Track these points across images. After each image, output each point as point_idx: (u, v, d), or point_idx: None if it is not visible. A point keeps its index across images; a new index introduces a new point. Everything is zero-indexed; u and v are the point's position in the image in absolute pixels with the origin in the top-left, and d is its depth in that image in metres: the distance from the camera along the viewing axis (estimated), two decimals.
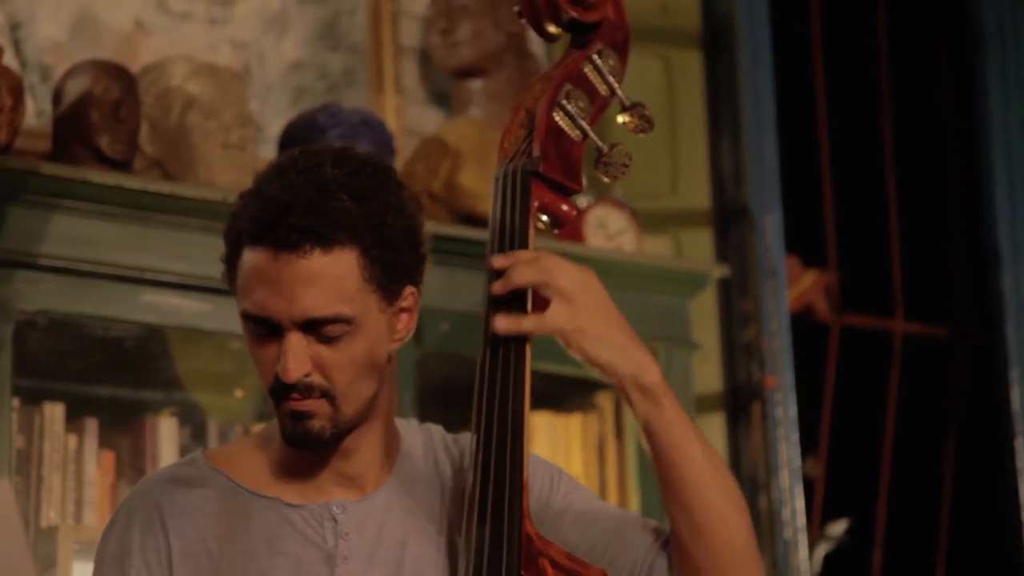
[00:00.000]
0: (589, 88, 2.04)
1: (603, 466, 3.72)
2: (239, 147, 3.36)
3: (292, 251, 1.88)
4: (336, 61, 3.85)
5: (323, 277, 1.89)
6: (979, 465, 4.68)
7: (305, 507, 1.98)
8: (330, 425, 1.93)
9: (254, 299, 1.90)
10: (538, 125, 2.00)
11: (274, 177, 1.93)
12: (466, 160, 3.63)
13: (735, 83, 4.16)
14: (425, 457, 2.06)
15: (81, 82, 3.23)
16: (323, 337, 1.90)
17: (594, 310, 1.90)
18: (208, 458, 2.04)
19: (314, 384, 1.91)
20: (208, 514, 1.98)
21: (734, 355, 4.07)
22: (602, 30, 2.07)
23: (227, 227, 1.96)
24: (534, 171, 1.98)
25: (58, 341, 3.23)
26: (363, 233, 1.91)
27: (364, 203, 1.91)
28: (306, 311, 1.88)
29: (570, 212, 2.02)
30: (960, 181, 4.85)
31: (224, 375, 3.42)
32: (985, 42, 4.61)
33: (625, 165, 2.01)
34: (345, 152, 1.97)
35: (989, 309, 4.57)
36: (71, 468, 3.14)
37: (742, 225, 4.10)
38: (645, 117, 2.03)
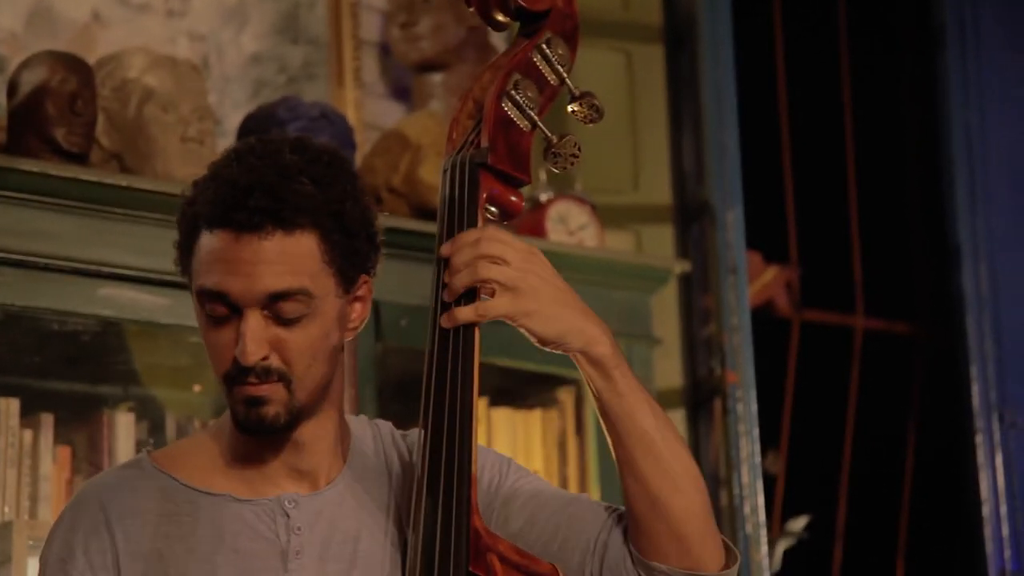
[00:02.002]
0: (538, 77, 2.02)
1: (564, 462, 3.71)
2: (197, 140, 3.33)
3: (254, 232, 1.89)
4: (296, 54, 3.83)
5: (284, 256, 1.90)
6: (939, 461, 4.69)
7: (256, 502, 1.98)
8: (284, 411, 1.93)
9: (212, 278, 1.90)
10: (486, 115, 1.98)
11: (232, 162, 1.93)
12: (426, 154, 3.62)
13: (696, 78, 4.15)
14: (375, 452, 2.05)
15: (37, 73, 3.20)
16: (282, 318, 1.90)
17: (538, 290, 1.90)
18: (154, 459, 2.03)
19: (271, 367, 1.91)
20: (156, 515, 1.97)
21: (695, 350, 4.07)
22: (551, 18, 2.05)
23: (181, 213, 1.96)
24: (482, 162, 1.97)
25: (14, 335, 3.20)
26: (323, 218, 1.91)
27: (324, 189, 1.92)
28: (268, 286, 1.89)
29: (519, 203, 2.01)
30: (920, 177, 4.87)
31: (182, 369, 3.40)
32: (945, 38, 4.62)
33: (574, 156, 2.00)
34: (302, 140, 1.97)
35: (949, 305, 4.58)
36: (26, 463, 3.11)
37: (703, 221, 4.09)
38: (594, 107, 2.02)
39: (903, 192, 4.92)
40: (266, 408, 1.92)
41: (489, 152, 1.96)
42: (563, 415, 3.73)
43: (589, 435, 3.69)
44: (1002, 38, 4.62)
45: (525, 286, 1.90)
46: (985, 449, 4.44)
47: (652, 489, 1.92)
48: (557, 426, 3.73)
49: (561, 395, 3.74)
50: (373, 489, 2.01)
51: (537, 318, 1.90)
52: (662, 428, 1.94)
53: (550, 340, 1.91)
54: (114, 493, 1.99)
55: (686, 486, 1.93)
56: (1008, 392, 4.45)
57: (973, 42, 4.61)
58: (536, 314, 1.90)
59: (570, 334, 1.91)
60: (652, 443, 1.92)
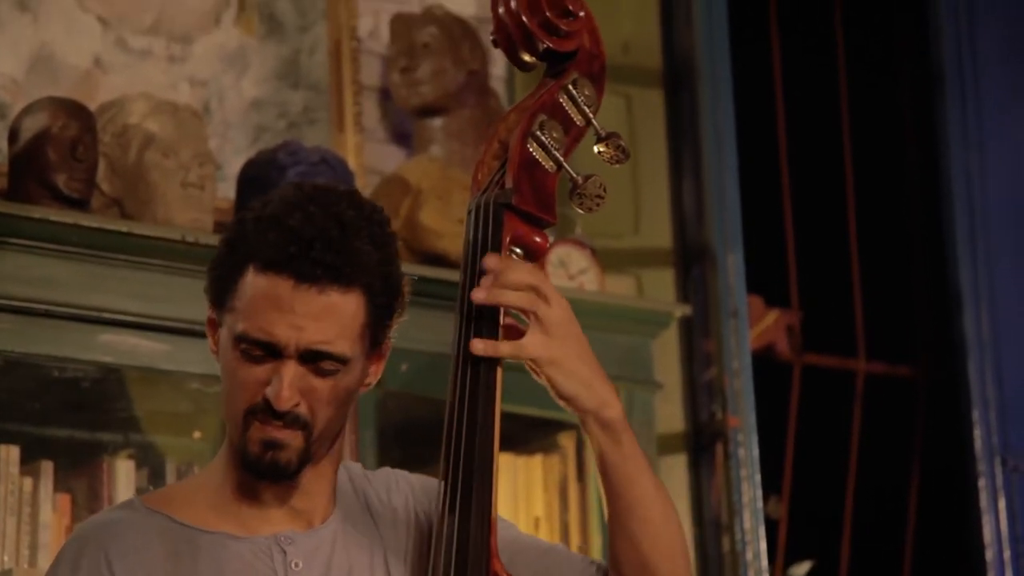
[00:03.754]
0: (564, 118, 2.02)
1: (565, 508, 3.70)
2: (198, 186, 3.33)
3: (312, 284, 1.90)
4: (296, 99, 3.83)
5: (335, 314, 1.91)
6: (942, 505, 4.67)
7: (253, 540, 1.98)
8: (296, 459, 1.94)
9: (259, 323, 1.91)
10: (511, 156, 1.99)
11: (291, 208, 1.93)
12: (427, 199, 3.62)
13: (697, 122, 4.16)
14: (354, 492, 2.07)
15: (38, 119, 3.20)
16: (319, 370, 1.92)
17: (568, 342, 1.93)
18: (146, 501, 2.04)
19: (300, 415, 1.92)
20: (154, 554, 1.97)
21: (696, 395, 4.06)
22: (578, 59, 2.05)
23: (228, 245, 1.96)
24: (507, 203, 1.97)
25: (13, 382, 3.19)
26: (374, 279, 1.93)
27: (378, 249, 1.94)
28: (313, 342, 1.90)
29: (544, 244, 2.01)
30: (921, 221, 4.86)
31: (182, 416, 3.39)
32: (944, 81, 4.63)
33: (600, 196, 1.99)
34: (354, 195, 1.99)
35: (951, 349, 4.57)
36: (26, 511, 3.09)
37: (704, 264, 4.09)
38: (620, 147, 2.02)
39: (904, 236, 4.92)
40: (282, 453, 1.93)
41: (514, 193, 1.97)
42: (564, 461, 3.72)
43: (591, 481, 3.68)
44: (1002, 82, 4.62)
45: (560, 333, 1.92)
46: (988, 494, 4.42)
47: (643, 553, 1.96)
48: (558, 472, 3.72)
49: (563, 440, 3.73)
50: (361, 528, 2.03)
51: (562, 370, 1.92)
52: (659, 495, 1.97)
53: (568, 395, 1.93)
54: (113, 531, 1.99)
55: (676, 554, 1.97)
56: (1010, 437, 4.44)
57: (973, 86, 4.61)
58: (562, 365, 1.92)
59: (588, 393, 1.93)
60: (649, 508, 1.96)
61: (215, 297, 1.98)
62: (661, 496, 1.97)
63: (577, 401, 1.93)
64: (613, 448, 1.94)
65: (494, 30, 2.04)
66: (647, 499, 1.95)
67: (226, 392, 1.97)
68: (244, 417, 1.94)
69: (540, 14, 2.01)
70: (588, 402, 1.93)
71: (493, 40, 2.04)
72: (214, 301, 1.98)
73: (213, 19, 3.75)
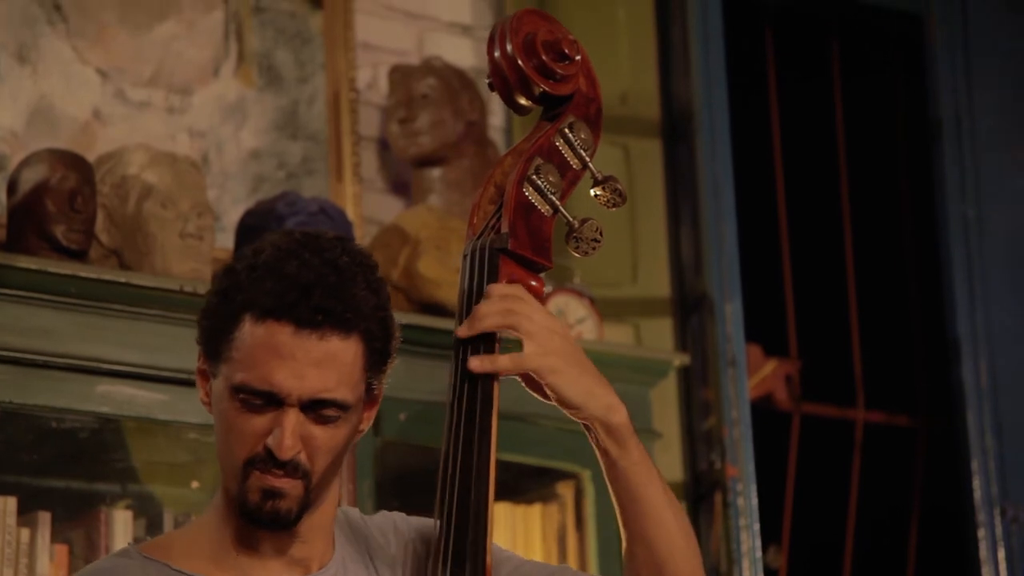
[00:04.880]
0: (560, 162, 2.03)
1: (564, 556, 3.69)
2: (196, 236, 3.34)
3: (313, 330, 1.89)
4: (295, 150, 3.84)
5: (336, 361, 1.90)
6: (941, 555, 4.66)
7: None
8: (296, 507, 1.94)
9: (259, 373, 1.90)
10: (507, 201, 1.99)
11: (286, 255, 1.93)
12: (425, 248, 3.62)
13: (695, 171, 4.16)
14: (354, 537, 2.07)
15: (37, 171, 3.21)
16: (319, 418, 1.91)
17: (565, 351, 1.93)
18: (142, 549, 2.02)
19: (300, 464, 1.92)
20: None
21: (695, 444, 4.05)
22: (574, 102, 2.05)
23: (221, 295, 1.95)
24: (503, 248, 1.97)
25: (10, 432, 3.19)
26: (372, 324, 1.93)
27: (374, 294, 1.94)
28: (315, 392, 1.90)
29: (539, 288, 2.01)
30: (919, 270, 4.87)
31: (180, 466, 3.39)
32: (942, 130, 4.64)
33: (596, 240, 1.99)
34: (345, 241, 1.98)
35: (950, 398, 4.56)
36: (23, 562, 3.08)
37: (702, 313, 4.09)
38: (617, 191, 2.02)
39: (902, 285, 4.92)
40: (282, 502, 1.92)
41: (509, 238, 1.97)
42: (563, 510, 3.72)
43: (589, 530, 3.67)
44: (999, 131, 4.63)
45: (555, 342, 1.93)
46: (988, 544, 4.41)
47: (661, 555, 1.97)
48: (557, 521, 3.71)
49: (561, 489, 3.72)
50: (360, 573, 2.03)
51: (564, 377, 1.92)
52: (670, 497, 1.99)
53: (574, 403, 1.94)
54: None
55: (691, 554, 1.99)
56: (1010, 486, 4.42)
57: (970, 135, 4.62)
58: (563, 373, 1.92)
59: (593, 399, 1.94)
60: (662, 511, 1.97)
61: (208, 348, 1.96)
62: (671, 498, 1.99)
63: (583, 408, 1.94)
64: (621, 453, 1.95)
65: (490, 73, 2.04)
66: (660, 502, 1.96)
67: (223, 443, 1.95)
68: (243, 467, 1.93)
69: (536, 58, 2.02)
70: (594, 408, 1.93)
71: (489, 83, 2.04)
72: (207, 352, 1.96)
73: (212, 71, 3.77)
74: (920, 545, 4.77)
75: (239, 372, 1.91)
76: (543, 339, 1.92)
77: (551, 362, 1.92)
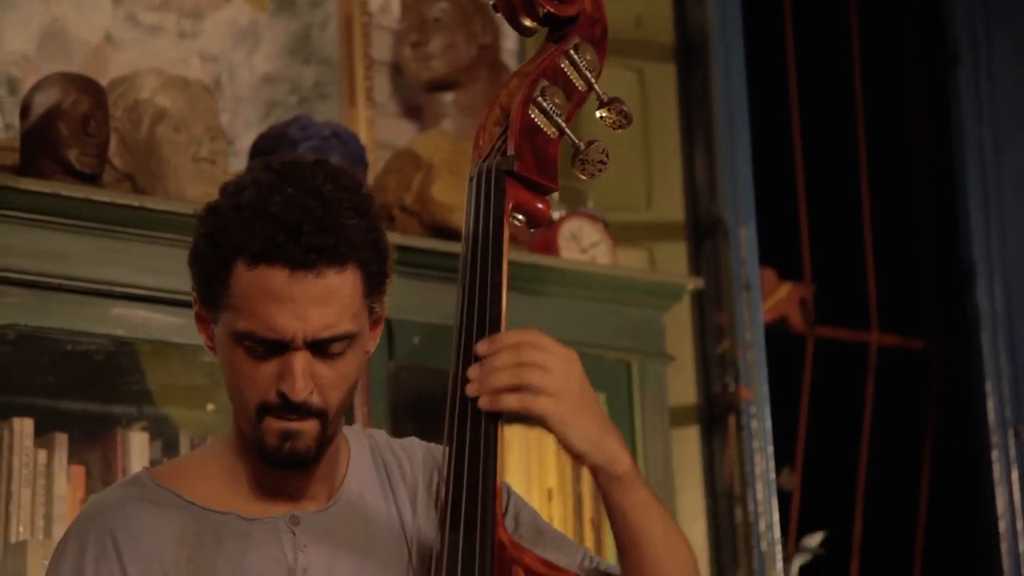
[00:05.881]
0: (565, 83, 2.01)
1: (578, 479, 3.70)
2: (209, 160, 3.34)
3: (308, 270, 1.86)
4: (307, 74, 3.83)
5: (335, 295, 1.88)
6: (955, 476, 4.67)
7: (262, 520, 1.97)
8: (315, 445, 1.93)
9: (261, 320, 1.87)
10: (513, 123, 1.97)
11: (268, 192, 1.89)
12: (438, 172, 3.62)
13: (709, 96, 4.15)
14: (375, 463, 2.05)
15: (49, 95, 3.20)
16: (327, 354, 1.90)
17: (576, 400, 1.89)
18: (155, 476, 2.02)
19: (313, 404, 1.90)
20: (163, 535, 1.95)
21: (709, 367, 4.06)
22: (579, 24, 2.03)
23: (208, 242, 1.91)
24: (509, 170, 1.96)
25: (27, 355, 3.21)
26: (365, 251, 1.91)
27: (363, 218, 1.91)
28: (318, 331, 1.88)
29: (546, 211, 2.00)
30: (934, 194, 4.86)
31: (195, 389, 3.40)
32: (958, 56, 4.62)
33: (602, 163, 1.98)
34: (326, 165, 1.95)
35: (964, 321, 4.56)
36: (40, 483, 3.11)
37: (716, 237, 4.09)
38: (623, 112, 2.00)
39: (917, 208, 4.91)
40: (300, 442, 1.91)
41: (516, 159, 1.96)
42: None
43: None
44: (1015, 57, 4.61)
45: (567, 394, 1.88)
46: (1001, 465, 4.42)
47: None
48: None
49: None
50: (376, 502, 2.02)
51: (573, 429, 1.89)
52: (673, 538, 1.97)
53: (580, 451, 1.91)
54: (120, 514, 1.97)
55: None
56: (1023, 409, 4.43)
57: (986, 61, 4.60)
58: (573, 425, 1.89)
59: (598, 450, 1.91)
60: (662, 552, 1.95)
61: (204, 295, 1.93)
62: (672, 538, 1.97)
63: (587, 458, 1.91)
64: (624, 498, 1.93)
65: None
66: (658, 543, 1.94)
67: (233, 387, 1.93)
68: (256, 412, 1.91)
69: None
70: (599, 459, 1.91)
71: (493, 5, 2.03)
72: (203, 299, 1.94)
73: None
74: (934, 467, 4.78)
75: (240, 320, 1.89)
76: (558, 388, 1.88)
77: (562, 412, 1.88)
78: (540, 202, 1.99)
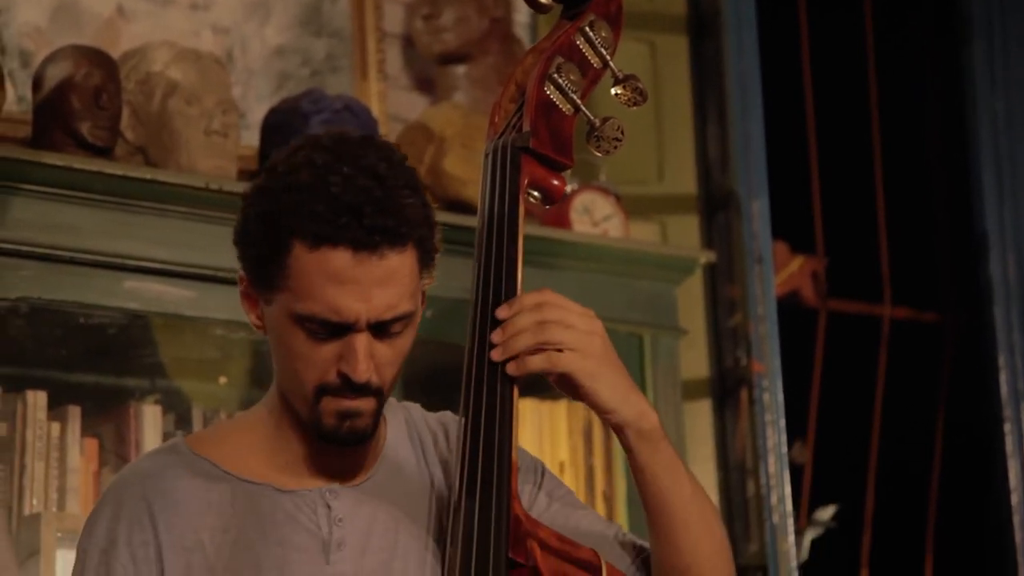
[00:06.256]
0: (581, 60, 2.01)
1: (590, 452, 3.71)
2: (221, 133, 3.34)
3: (371, 252, 1.85)
4: (319, 47, 3.83)
5: (397, 277, 1.87)
6: (967, 449, 4.68)
7: (298, 493, 1.96)
8: (372, 422, 1.92)
9: (324, 302, 1.86)
10: (528, 99, 1.98)
11: (324, 172, 1.87)
12: (450, 146, 3.62)
13: (721, 68, 4.14)
14: (410, 437, 2.05)
15: (61, 68, 3.21)
16: (387, 335, 1.89)
17: (601, 355, 1.90)
18: (191, 443, 2.01)
19: (372, 383, 1.90)
20: (198, 504, 1.95)
21: (721, 341, 4.06)
22: (595, 1, 2.04)
23: (268, 219, 1.89)
24: (524, 146, 1.96)
25: (40, 328, 3.22)
26: (421, 228, 1.90)
27: (418, 196, 1.91)
28: (381, 312, 1.87)
29: (561, 187, 2.00)
30: (947, 166, 4.85)
31: (208, 362, 3.41)
32: (972, 27, 4.60)
33: (617, 139, 1.98)
34: (374, 141, 1.94)
35: (977, 294, 4.56)
36: (54, 455, 3.12)
37: (729, 211, 4.08)
38: (638, 90, 2.00)
39: (930, 180, 4.90)
40: (359, 420, 1.91)
41: (531, 136, 1.96)
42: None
43: None
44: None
45: (592, 349, 1.89)
46: (1013, 437, 4.42)
47: (686, 558, 1.95)
48: (583, 417, 3.73)
49: None
50: (410, 476, 2.01)
51: (602, 382, 1.89)
52: (699, 499, 1.96)
53: (609, 407, 1.90)
54: (156, 482, 1.96)
55: (718, 557, 1.96)
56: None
57: (1000, 31, 4.59)
58: (601, 378, 1.89)
59: (627, 404, 1.91)
60: (690, 514, 1.94)
61: (257, 276, 1.91)
62: (700, 500, 1.95)
63: (617, 413, 1.90)
64: (652, 458, 1.92)
65: None
66: (687, 505, 1.94)
67: (288, 368, 1.92)
68: (315, 393, 1.91)
69: None
70: (627, 414, 1.90)
71: None
72: (255, 280, 1.92)
73: None
74: (946, 440, 4.78)
75: (301, 302, 1.87)
76: (582, 344, 1.88)
77: (590, 367, 1.88)
78: (555, 178, 1.99)
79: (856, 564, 4.64)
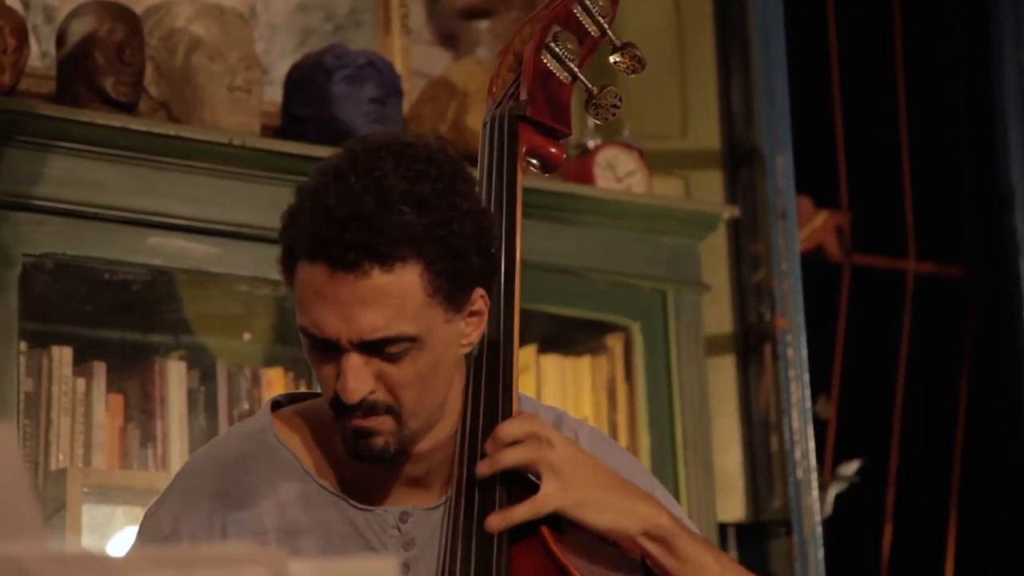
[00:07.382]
0: (578, 29, 2.02)
1: (614, 408, 3.71)
2: (245, 89, 3.33)
3: (348, 270, 1.77)
4: (342, 2, 3.82)
5: (382, 297, 1.78)
6: (992, 404, 4.66)
7: (372, 512, 1.91)
8: (395, 441, 1.85)
9: (311, 317, 1.80)
10: (525, 68, 1.98)
11: (332, 180, 1.80)
12: (473, 101, 3.61)
13: (745, 22, 4.12)
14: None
15: (85, 23, 3.20)
16: (386, 355, 1.81)
17: (587, 479, 1.85)
18: (279, 427, 1.95)
19: (378, 402, 1.83)
20: (270, 503, 1.90)
21: (745, 296, 4.05)
22: None
23: (283, 228, 1.85)
24: (521, 115, 1.96)
25: (64, 284, 3.22)
26: (427, 246, 1.78)
27: (428, 212, 1.78)
28: (363, 333, 1.79)
29: (559, 155, 2.00)
30: (972, 120, 4.82)
31: (232, 318, 3.41)
32: None
33: (615, 107, 1.99)
34: (407, 151, 1.82)
35: (1002, 248, 4.54)
36: (79, 411, 3.13)
37: (752, 166, 4.07)
38: (636, 57, 2.01)
39: (955, 134, 4.88)
40: (375, 440, 1.85)
41: (528, 105, 1.96)
42: (612, 361, 3.73)
43: (638, 381, 3.69)
44: None
45: (576, 472, 1.85)
46: None
47: None
48: (606, 373, 3.73)
49: (610, 341, 3.74)
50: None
51: (593, 508, 1.85)
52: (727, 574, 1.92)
53: (608, 530, 1.87)
54: (232, 475, 1.91)
55: None
56: None
57: None
58: (591, 504, 1.85)
59: (627, 518, 1.87)
60: None
61: (289, 284, 1.86)
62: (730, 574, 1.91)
63: (620, 531, 1.87)
64: (669, 558, 1.88)
65: None
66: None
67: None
68: (333, 409, 1.85)
69: None
70: (631, 526, 1.87)
71: None
72: (288, 288, 1.87)
73: None
74: (971, 394, 4.77)
75: (299, 316, 1.83)
76: (564, 470, 1.84)
77: (575, 497, 1.84)
78: (553, 146, 1.99)
79: (880, 519, 4.63)
